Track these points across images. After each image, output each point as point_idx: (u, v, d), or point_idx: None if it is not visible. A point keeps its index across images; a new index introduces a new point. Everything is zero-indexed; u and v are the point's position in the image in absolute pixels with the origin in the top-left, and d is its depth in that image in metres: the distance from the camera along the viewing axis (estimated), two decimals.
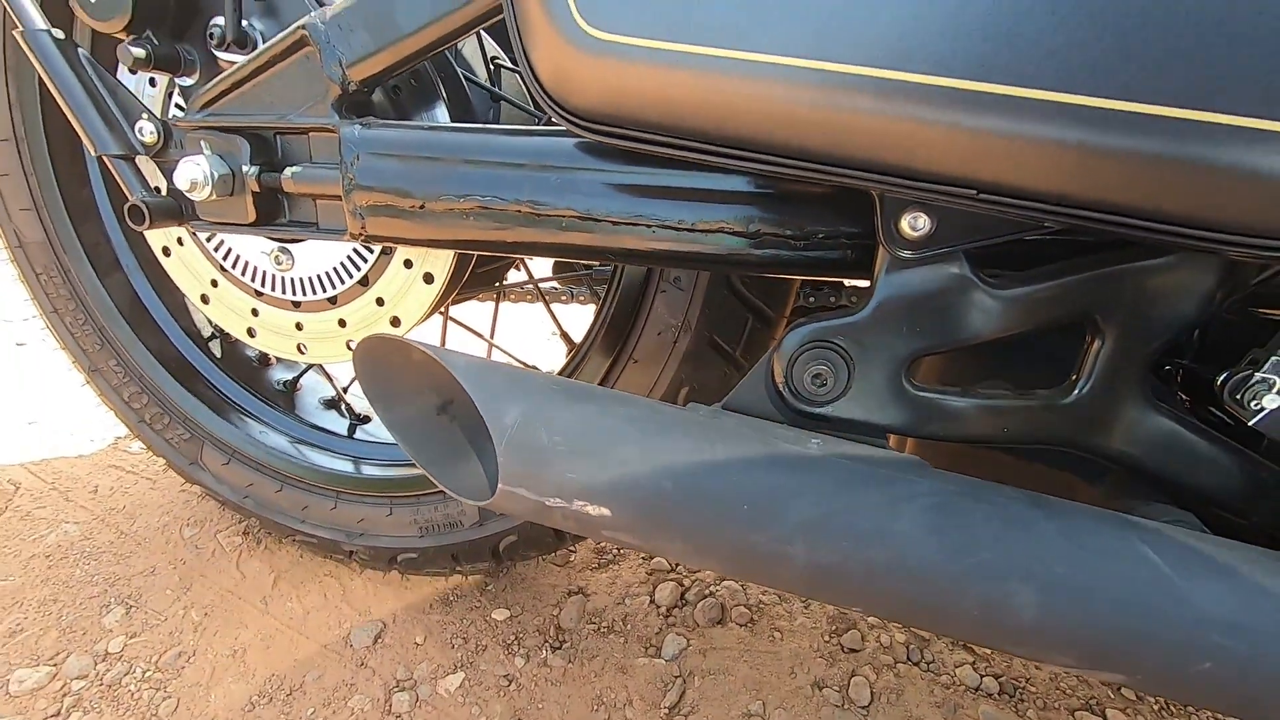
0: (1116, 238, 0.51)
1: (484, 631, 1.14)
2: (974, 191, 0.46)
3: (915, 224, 0.53)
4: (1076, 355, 0.60)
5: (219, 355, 1.18)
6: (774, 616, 1.20)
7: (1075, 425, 0.59)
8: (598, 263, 0.85)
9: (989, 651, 1.17)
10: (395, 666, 1.08)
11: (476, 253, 0.78)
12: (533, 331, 2.20)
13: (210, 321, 1.18)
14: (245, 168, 0.75)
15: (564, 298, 1.22)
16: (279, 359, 1.24)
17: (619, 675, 1.09)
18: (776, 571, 0.57)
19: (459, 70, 0.86)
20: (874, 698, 1.08)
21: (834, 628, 1.19)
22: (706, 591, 1.23)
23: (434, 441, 0.74)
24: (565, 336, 1.07)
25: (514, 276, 1.27)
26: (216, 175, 0.75)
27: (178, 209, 0.81)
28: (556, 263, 1.26)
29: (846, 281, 1.14)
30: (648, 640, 1.15)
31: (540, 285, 1.10)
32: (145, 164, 0.82)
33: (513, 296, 1.26)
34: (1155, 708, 1.10)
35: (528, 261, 1.09)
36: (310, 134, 0.74)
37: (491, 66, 1.00)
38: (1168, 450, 0.59)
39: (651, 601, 1.21)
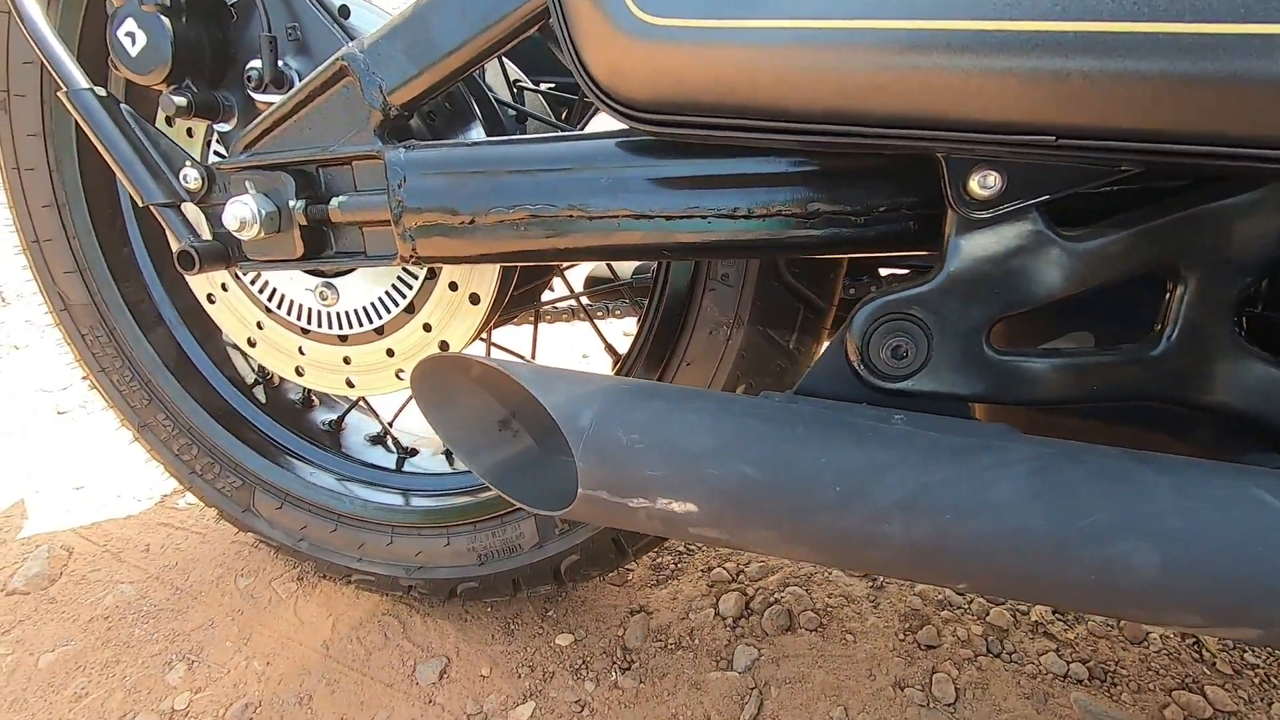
0: (1201, 174, 0.50)
1: (549, 658, 1.12)
2: (1052, 138, 0.45)
3: (985, 182, 0.52)
4: (1148, 304, 0.59)
5: (264, 400, 1.18)
6: (844, 619, 1.17)
7: (1165, 377, 0.57)
8: (650, 261, 0.84)
9: (1071, 636, 1.13)
10: (464, 701, 1.06)
11: (527, 264, 0.78)
12: (565, 353, 2.20)
13: (253, 368, 1.19)
14: (292, 202, 0.75)
15: (599, 313, 1.22)
16: (321, 400, 1.24)
17: (693, 692, 1.06)
18: (873, 553, 0.55)
19: (488, 92, 0.87)
20: (959, 694, 1.05)
21: (907, 625, 1.15)
22: (771, 599, 1.20)
23: (500, 458, 0.73)
24: (610, 349, 1.06)
25: (547, 296, 1.27)
26: (264, 213, 0.76)
27: (225, 251, 0.81)
28: (589, 278, 1.26)
29: (883, 271, 1.13)
30: (717, 653, 1.12)
31: (580, 299, 1.10)
32: (190, 211, 0.83)
33: (549, 318, 1.26)
34: (1255, 680, 1.06)
35: (567, 277, 1.09)
36: (354, 163, 0.74)
37: (515, 90, 1.01)
38: (1266, 396, 0.57)
39: (716, 614, 1.18)
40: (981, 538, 0.52)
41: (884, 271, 1.16)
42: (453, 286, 0.87)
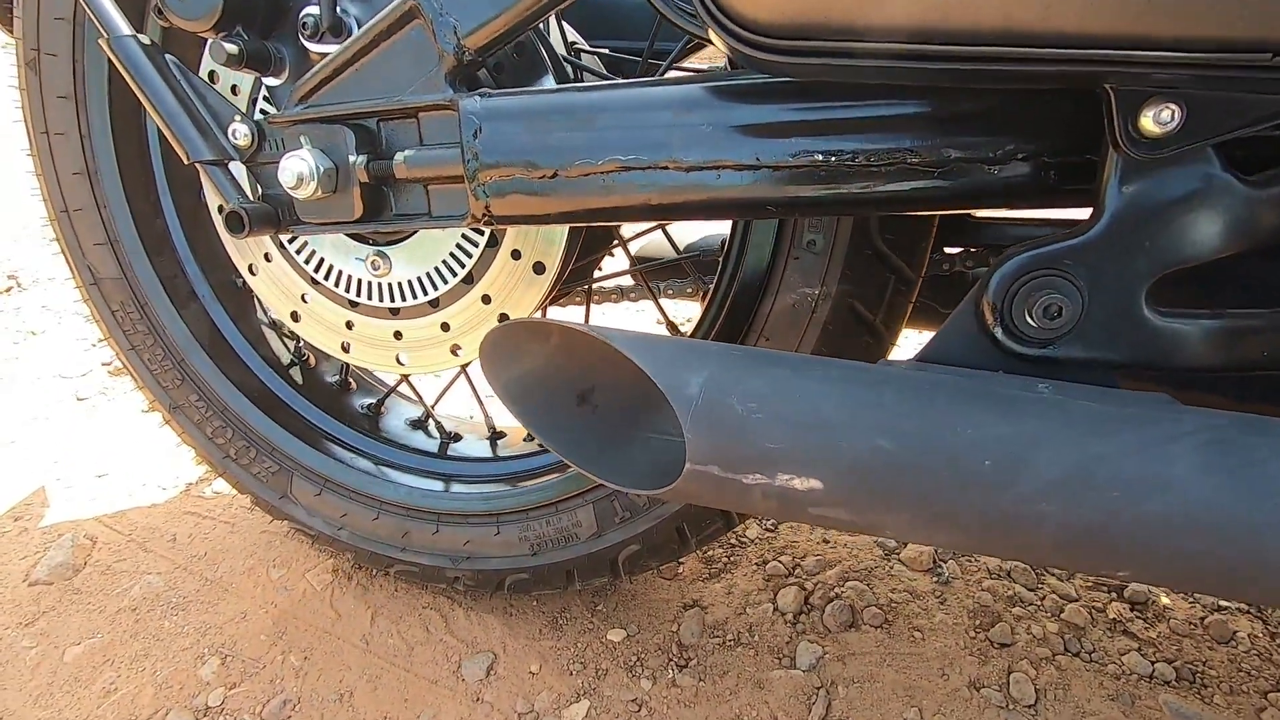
0: None
1: (602, 655, 1.06)
2: (1269, 55, 0.39)
3: (1161, 117, 0.46)
4: None
5: (300, 382, 1.13)
6: (910, 615, 1.11)
7: None
8: (749, 218, 0.78)
9: (1154, 635, 1.07)
10: (514, 699, 1.00)
11: (609, 223, 0.72)
12: None
13: (289, 348, 1.13)
14: (352, 158, 0.69)
15: (659, 292, 1.16)
16: (358, 383, 1.19)
17: (756, 691, 1.00)
18: (1025, 538, 0.49)
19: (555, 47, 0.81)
20: (1039, 695, 0.99)
21: (977, 622, 1.09)
22: (832, 594, 1.14)
23: (581, 436, 0.67)
24: (673, 327, 1.00)
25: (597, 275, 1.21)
26: (322, 169, 0.70)
27: (275, 214, 0.76)
28: (636, 256, 1.20)
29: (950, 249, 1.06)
30: (779, 650, 1.06)
31: (639, 273, 1.04)
32: (238, 171, 0.77)
33: (596, 298, 1.20)
34: None
35: (628, 248, 1.03)
36: (420, 115, 0.69)
37: (573, 52, 0.95)
38: None
39: (775, 609, 1.12)
40: (1154, 519, 0.46)
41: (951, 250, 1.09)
42: (515, 255, 0.81)
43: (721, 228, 1.06)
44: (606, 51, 0.98)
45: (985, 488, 0.48)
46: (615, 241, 0.99)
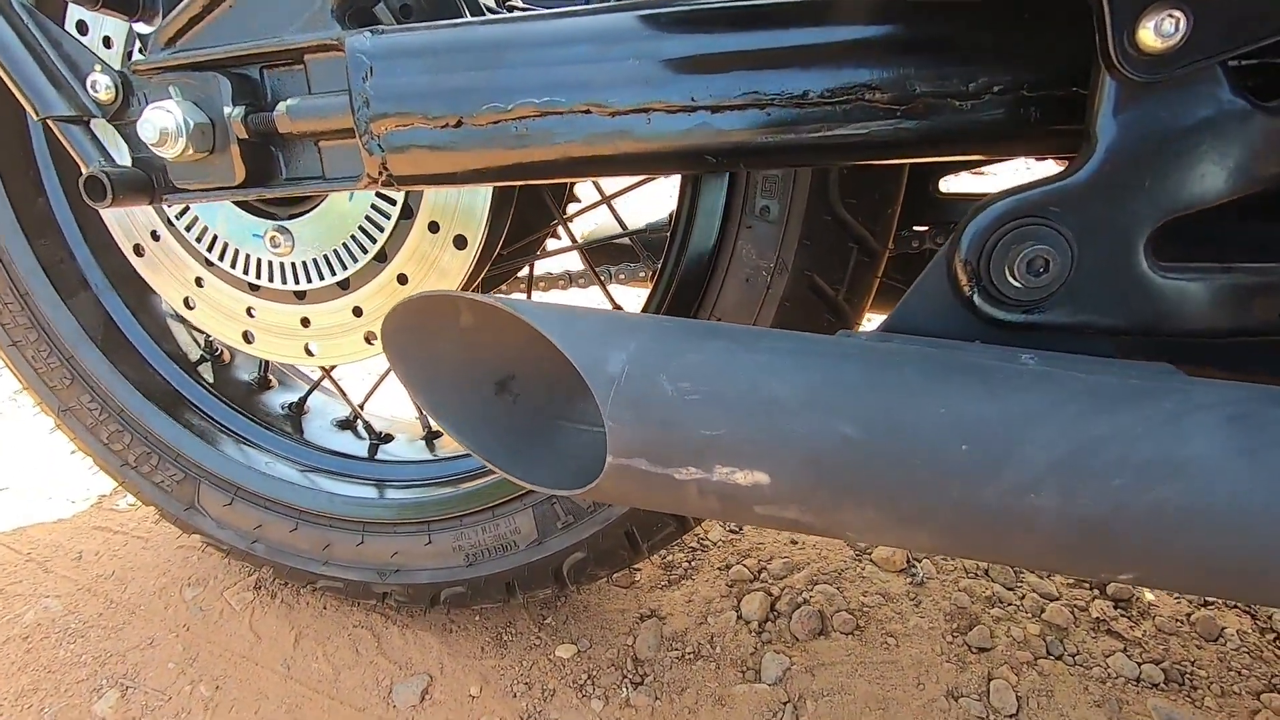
0: None
1: (549, 673, 0.97)
2: None
3: (1163, 28, 0.38)
4: None
5: (211, 380, 1.02)
6: (883, 620, 1.03)
7: None
8: (687, 171, 0.70)
9: (1139, 634, 1.01)
10: None
11: (532, 182, 0.63)
12: None
13: (199, 341, 1.02)
14: (227, 110, 0.59)
15: (609, 277, 1.07)
16: (280, 379, 1.08)
17: (717, 708, 0.92)
18: (1013, 538, 0.41)
19: None
20: (1021, 703, 0.91)
21: (955, 625, 1.02)
22: (799, 599, 1.06)
23: (498, 429, 0.58)
24: (618, 309, 0.91)
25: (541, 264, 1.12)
26: (192, 124, 0.60)
27: (146, 180, 0.65)
28: (583, 239, 1.11)
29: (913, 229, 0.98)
30: (743, 662, 0.97)
31: (584, 254, 0.94)
32: (104, 131, 0.66)
33: (541, 285, 1.10)
34: None
35: (569, 226, 0.93)
36: (306, 58, 0.59)
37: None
38: None
39: (739, 617, 1.04)
40: (1171, 508, 0.38)
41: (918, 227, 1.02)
42: (433, 227, 0.71)
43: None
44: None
45: (964, 479, 0.40)
46: (554, 223, 0.90)
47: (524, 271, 1.05)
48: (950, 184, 0.95)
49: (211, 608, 1.08)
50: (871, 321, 0.69)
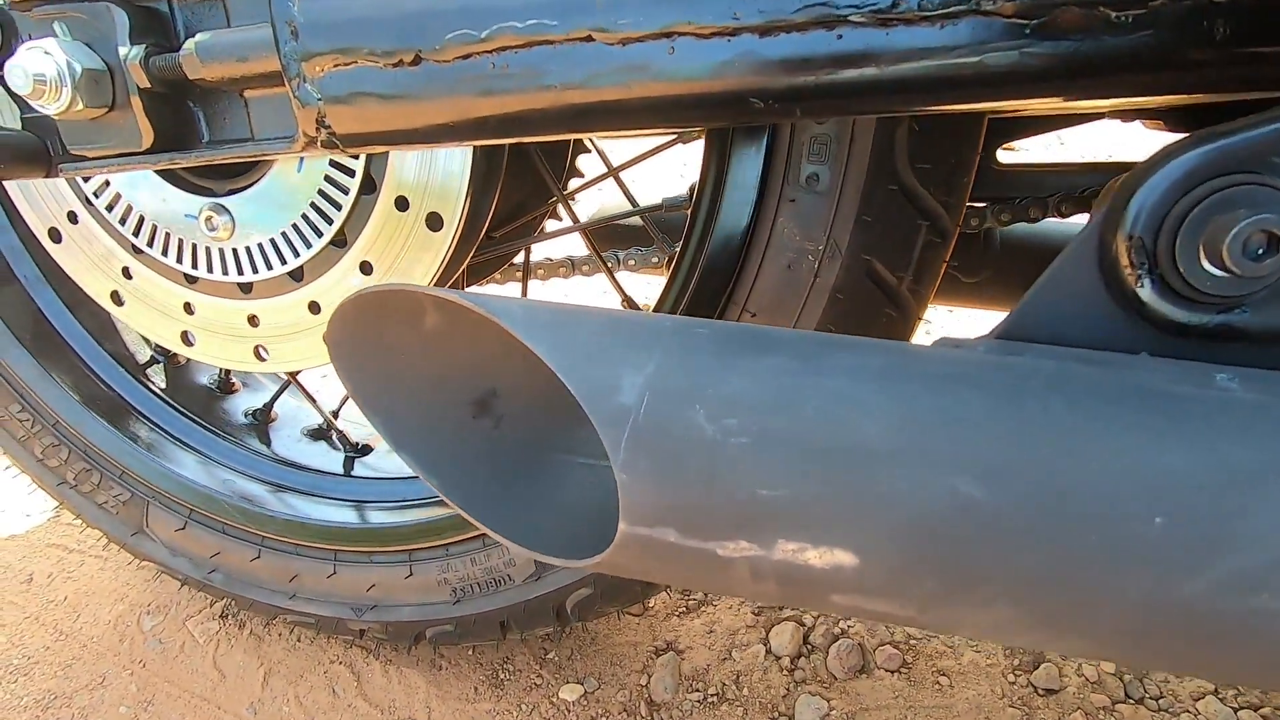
0: None
1: (552, 719, 0.84)
2: None
3: None
4: None
5: (163, 385, 0.89)
6: (933, 655, 0.90)
7: None
8: (725, 124, 0.56)
9: None
10: None
11: (517, 140, 0.50)
12: None
13: (145, 339, 0.89)
14: (123, 50, 0.46)
15: (618, 264, 0.93)
16: (244, 382, 0.95)
17: None
18: (1235, 648, 0.28)
19: None
20: None
21: (1016, 662, 0.89)
22: (836, 630, 0.93)
23: (477, 464, 0.45)
24: (630, 304, 0.78)
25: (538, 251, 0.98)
26: (79, 70, 0.46)
27: (40, 146, 0.52)
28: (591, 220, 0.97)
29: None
30: (774, 707, 0.85)
31: (587, 236, 0.81)
32: None
33: (540, 272, 0.97)
34: None
35: (572, 208, 0.80)
36: None
37: None
38: None
39: (768, 651, 0.91)
40: None
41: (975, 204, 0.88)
42: (401, 204, 0.58)
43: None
44: None
45: (1155, 566, 0.27)
46: (553, 200, 0.76)
47: (520, 257, 0.92)
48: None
49: (172, 640, 0.96)
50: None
